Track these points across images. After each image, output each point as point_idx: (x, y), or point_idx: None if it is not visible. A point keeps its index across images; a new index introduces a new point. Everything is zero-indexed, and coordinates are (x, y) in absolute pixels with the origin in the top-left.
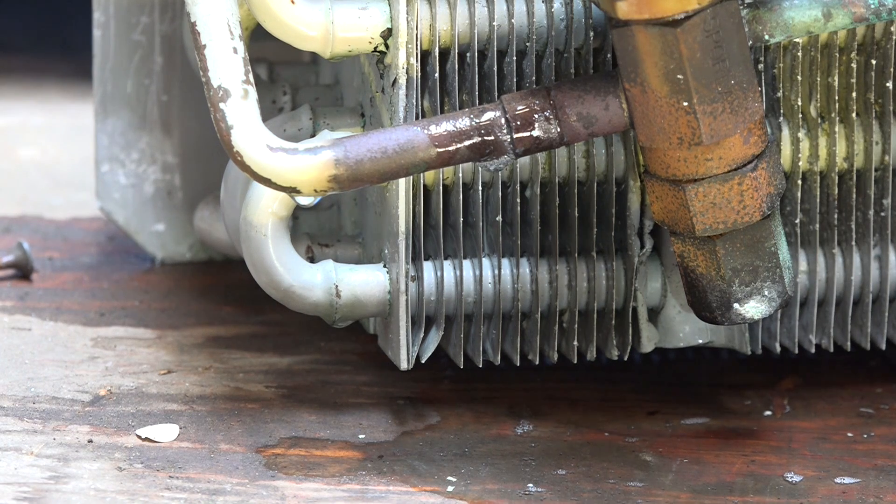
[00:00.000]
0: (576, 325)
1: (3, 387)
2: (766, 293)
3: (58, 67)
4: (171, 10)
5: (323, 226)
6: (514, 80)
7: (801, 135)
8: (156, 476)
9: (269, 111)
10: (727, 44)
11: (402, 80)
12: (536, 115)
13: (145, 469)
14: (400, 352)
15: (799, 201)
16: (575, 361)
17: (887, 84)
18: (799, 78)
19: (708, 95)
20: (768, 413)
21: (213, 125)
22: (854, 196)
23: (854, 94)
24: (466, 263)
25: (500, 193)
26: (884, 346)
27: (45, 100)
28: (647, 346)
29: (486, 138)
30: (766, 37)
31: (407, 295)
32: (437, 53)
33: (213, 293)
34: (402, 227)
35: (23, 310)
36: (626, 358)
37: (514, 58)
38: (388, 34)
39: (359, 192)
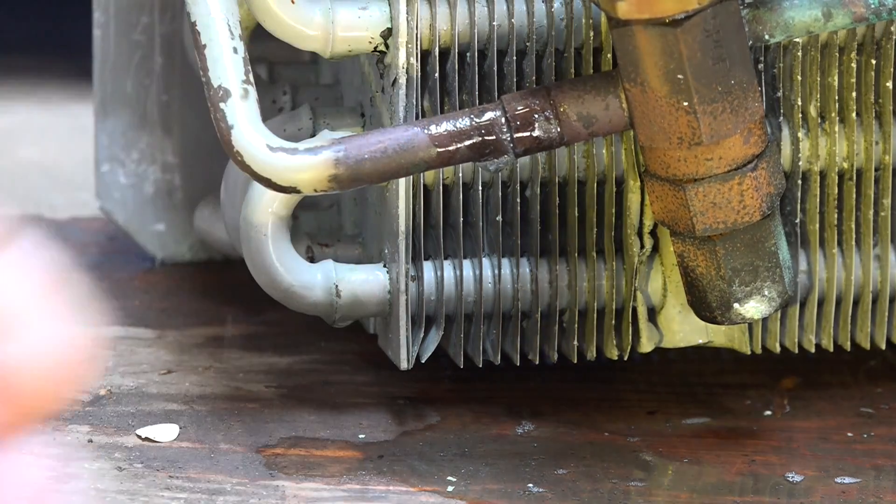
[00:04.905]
0: (576, 325)
1: None
2: (766, 293)
3: (58, 67)
4: (171, 10)
5: (323, 226)
6: (514, 79)
7: (801, 135)
8: (156, 476)
9: (269, 111)
10: (727, 44)
11: (402, 80)
12: (536, 115)
13: (145, 469)
14: (400, 352)
15: (799, 201)
16: (575, 361)
17: (887, 84)
18: (799, 78)
19: (708, 95)
20: (768, 413)
21: (213, 125)
22: (854, 196)
23: (854, 94)
24: (466, 263)
25: (500, 193)
26: (884, 346)
27: (45, 100)
28: (647, 346)
29: (486, 138)
30: (766, 37)
31: (407, 295)
32: (437, 53)
33: (213, 293)
34: (402, 227)
35: None
36: (626, 358)
37: (514, 58)
38: (388, 34)
39: (359, 192)
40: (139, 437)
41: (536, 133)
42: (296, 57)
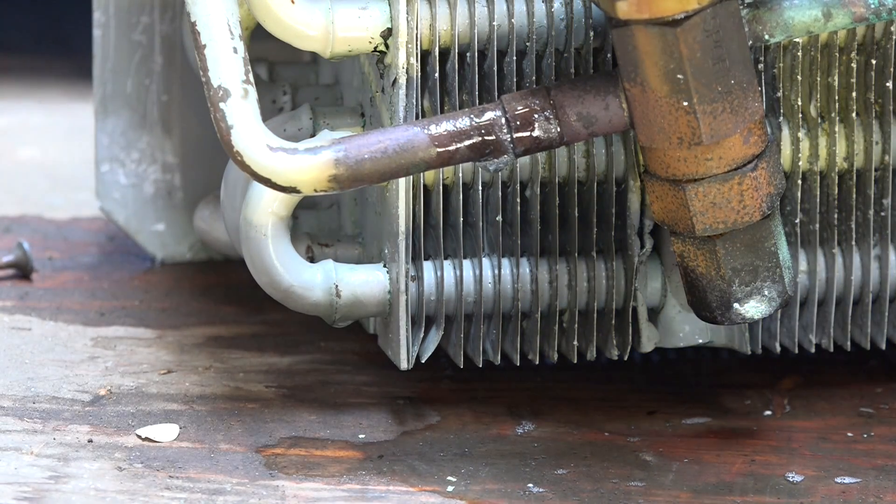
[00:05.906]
0: (576, 325)
1: (3, 387)
2: (766, 293)
3: (58, 67)
4: (171, 10)
5: (323, 226)
6: (514, 80)
7: (801, 135)
8: (156, 476)
9: (269, 111)
10: (727, 44)
11: (402, 80)
12: (536, 115)
13: (145, 469)
14: (400, 352)
15: (799, 201)
16: (575, 361)
17: (887, 84)
18: (799, 78)
19: (708, 95)
20: (768, 413)
21: (213, 125)
22: (854, 196)
23: (854, 94)
24: (466, 263)
25: (500, 193)
26: (884, 346)
27: (44, 100)
28: (647, 346)
29: (486, 138)
30: (766, 37)
31: (407, 295)
32: (437, 53)
33: (213, 293)
34: (402, 227)
35: (23, 310)
36: (626, 358)
37: (514, 58)
38: (388, 34)
39: (359, 192)
40: (139, 437)
41: (536, 133)
42: (296, 57)
